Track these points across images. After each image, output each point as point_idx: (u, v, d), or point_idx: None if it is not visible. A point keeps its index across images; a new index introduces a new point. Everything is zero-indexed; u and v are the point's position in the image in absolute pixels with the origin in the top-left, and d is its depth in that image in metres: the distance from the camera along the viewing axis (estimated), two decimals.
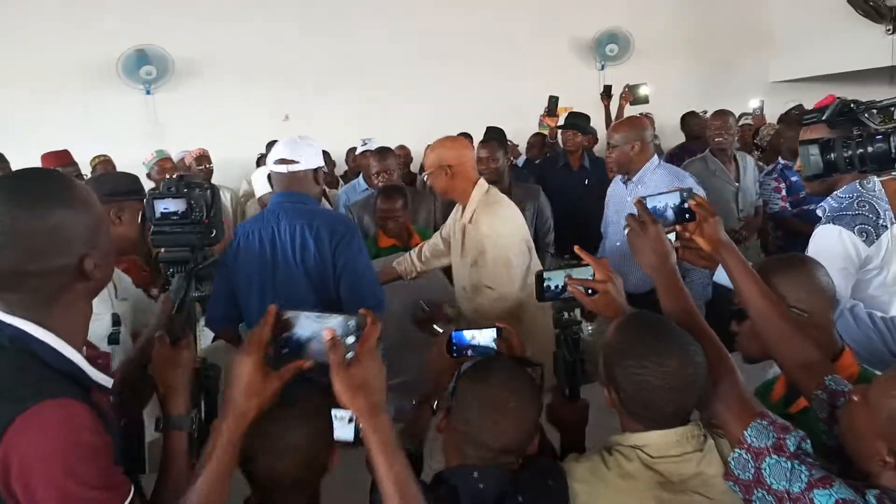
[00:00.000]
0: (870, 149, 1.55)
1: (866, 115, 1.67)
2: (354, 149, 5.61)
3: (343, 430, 1.16)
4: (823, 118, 1.78)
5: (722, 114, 3.98)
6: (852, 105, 1.71)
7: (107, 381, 1.10)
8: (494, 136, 4.71)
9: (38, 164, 4.68)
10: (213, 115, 6.29)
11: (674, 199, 1.51)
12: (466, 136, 5.49)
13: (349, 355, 1.08)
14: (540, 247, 3.72)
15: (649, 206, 1.50)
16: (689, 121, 5.63)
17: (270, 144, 5.66)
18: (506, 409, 1.22)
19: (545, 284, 1.53)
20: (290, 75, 6.57)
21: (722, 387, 1.23)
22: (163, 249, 1.43)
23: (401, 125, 6.36)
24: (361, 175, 4.54)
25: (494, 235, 2.49)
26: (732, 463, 1.17)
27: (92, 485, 0.99)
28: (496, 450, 1.23)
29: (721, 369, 1.25)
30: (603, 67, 7.61)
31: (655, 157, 3.08)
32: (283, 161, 2.27)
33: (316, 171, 2.33)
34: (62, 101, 5.96)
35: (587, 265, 1.50)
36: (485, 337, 1.46)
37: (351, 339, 1.09)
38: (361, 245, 2.29)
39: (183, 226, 1.42)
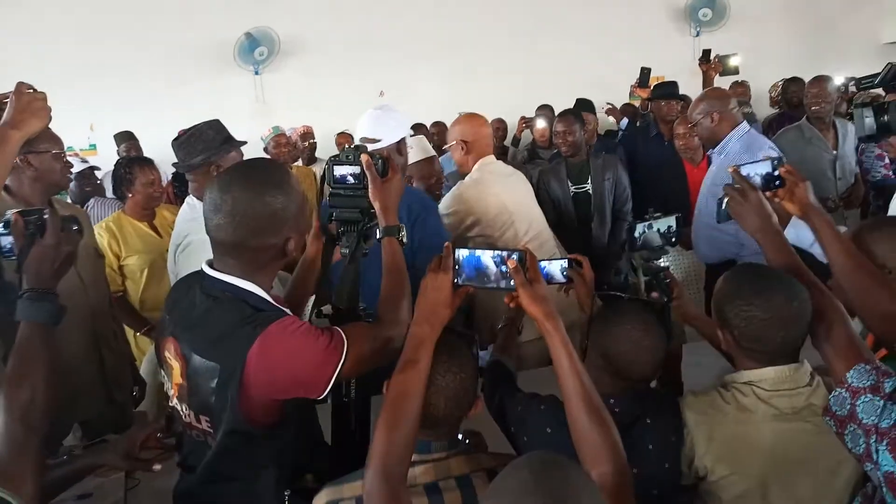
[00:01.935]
0: None
1: None
2: (439, 123, 5.80)
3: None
4: (877, 82, 1.84)
5: (819, 80, 3.88)
6: None
7: (289, 312, 1.42)
8: (579, 108, 4.77)
9: (167, 140, 5.15)
10: (313, 91, 6.63)
11: (765, 168, 1.63)
12: (547, 108, 5.58)
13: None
14: (618, 216, 3.83)
15: (742, 173, 1.60)
16: (789, 88, 5.46)
17: None
18: (641, 347, 1.44)
19: (634, 235, 1.75)
20: (385, 50, 6.79)
21: (831, 331, 1.34)
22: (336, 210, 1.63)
23: (492, 98, 6.48)
24: None
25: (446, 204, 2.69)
26: (832, 401, 1.28)
27: (325, 343, 1.32)
28: (632, 380, 1.45)
29: (831, 315, 1.36)
30: (698, 34, 7.41)
31: (744, 124, 3.05)
32: (366, 139, 2.34)
33: (399, 143, 2.37)
34: (182, 83, 6.43)
35: (671, 216, 1.73)
36: (555, 267, 1.70)
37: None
38: (437, 222, 2.40)
39: (355, 190, 1.59)
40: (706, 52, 5.27)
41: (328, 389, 1.33)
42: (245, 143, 2.51)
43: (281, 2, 6.63)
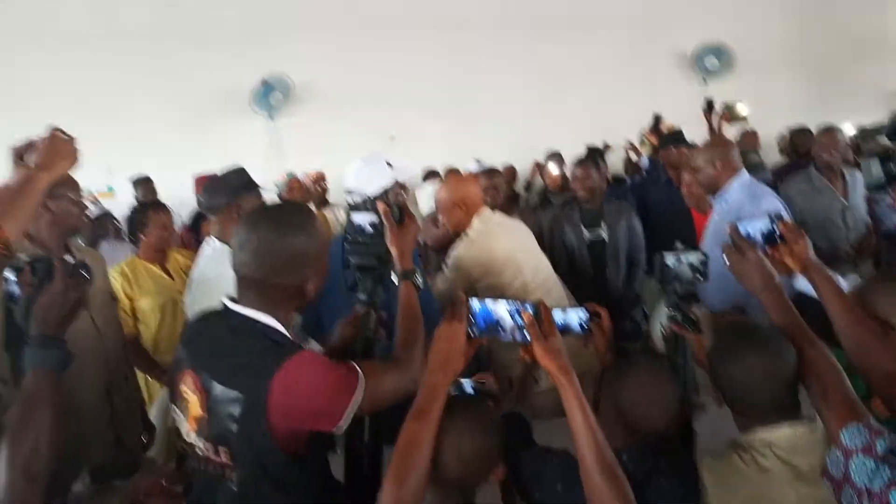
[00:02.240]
0: None
1: None
2: (455, 170, 5.85)
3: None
4: (886, 132, 1.88)
5: (830, 130, 3.89)
6: None
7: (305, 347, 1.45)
8: (591, 155, 4.81)
9: (182, 184, 5.24)
10: (326, 136, 6.73)
11: (764, 224, 1.65)
12: (557, 155, 5.63)
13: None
14: (633, 263, 3.82)
15: (740, 231, 1.62)
16: (797, 137, 5.47)
17: None
18: (653, 400, 1.41)
19: (667, 264, 1.75)
20: (396, 97, 6.93)
21: (827, 391, 1.33)
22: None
23: (501, 143, 6.58)
24: None
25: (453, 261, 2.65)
26: (829, 462, 1.26)
27: (342, 374, 1.37)
28: (644, 433, 1.41)
29: (827, 375, 1.35)
30: (705, 81, 7.52)
31: (744, 173, 3.04)
32: (347, 191, 2.45)
33: (386, 192, 2.38)
34: (198, 127, 6.58)
35: (698, 250, 1.72)
36: (572, 318, 1.66)
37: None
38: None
39: (373, 238, 1.66)
40: (709, 103, 5.31)
41: (343, 422, 1.35)
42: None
43: (295, 49, 6.81)
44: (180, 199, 5.42)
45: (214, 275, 2.20)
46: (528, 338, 1.35)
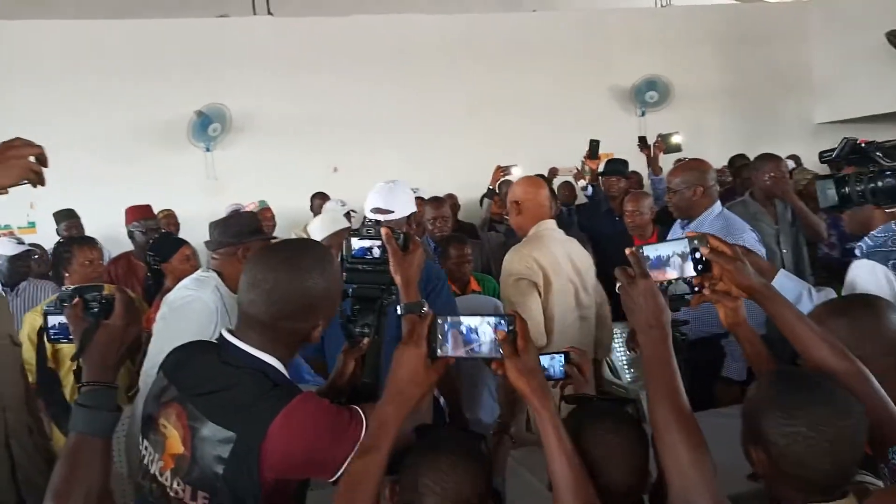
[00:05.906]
0: (880, 183, 1.69)
1: (878, 154, 1.80)
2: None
3: None
4: (835, 156, 1.90)
5: (776, 158, 3.92)
6: (862, 144, 1.83)
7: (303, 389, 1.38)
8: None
9: (110, 217, 5.02)
10: (265, 168, 6.61)
11: (681, 247, 1.32)
12: (507, 183, 5.58)
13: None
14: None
15: (651, 255, 1.32)
16: (736, 161, 5.61)
17: (315, 196, 5.89)
18: (619, 453, 1.23)
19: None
20: (338, 128, 6.86)
21: (686, 490, 1.12)
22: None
23: (447, 174, 6.56)
24: None
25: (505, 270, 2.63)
26: None
27: (346, 420, 1.28)
28: (619, 493, 1.23)
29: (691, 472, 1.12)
30: (643, 114, 7.71)
31: (718, 203, 3.02)
32: (378, 210, 2.37)
33: (409, 217, 2.40)
34: (130, 161, 6.34)
35: None
36: (556, 363, 1.55)
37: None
38: (450, 293, 2.41)
39: (376, 265, 1.51)
40: (642, 139, 5.41)
41: (341, 472, 1.25)
42: (275, 237, 2.65)
43: (233, 79, 6.69)
44: (113, 233, 5.19)
45: (190, 298, 2.25)
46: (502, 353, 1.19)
